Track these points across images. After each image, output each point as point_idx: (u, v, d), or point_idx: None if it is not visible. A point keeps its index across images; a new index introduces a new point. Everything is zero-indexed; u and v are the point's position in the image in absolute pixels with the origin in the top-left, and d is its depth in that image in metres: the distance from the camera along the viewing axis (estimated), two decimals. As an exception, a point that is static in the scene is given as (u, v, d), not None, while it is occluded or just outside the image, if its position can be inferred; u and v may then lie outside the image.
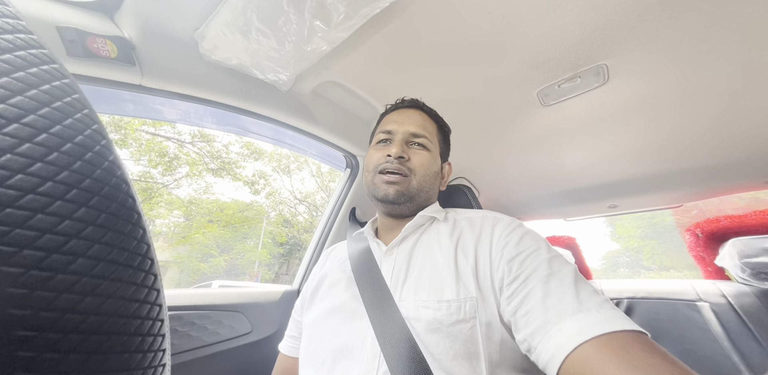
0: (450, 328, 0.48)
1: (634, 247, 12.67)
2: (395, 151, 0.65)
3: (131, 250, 0.16)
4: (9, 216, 0.12)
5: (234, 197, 12.05)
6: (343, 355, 0.52)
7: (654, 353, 0.34)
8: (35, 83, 0.15)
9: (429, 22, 0.73)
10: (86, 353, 0.13)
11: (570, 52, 0.80)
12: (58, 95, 0.16)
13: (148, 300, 0.16)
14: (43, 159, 0.14)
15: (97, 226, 0.15)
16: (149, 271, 0.17)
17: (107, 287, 0.14)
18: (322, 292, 0.66)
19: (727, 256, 1.27)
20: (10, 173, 0.13)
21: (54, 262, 0.13)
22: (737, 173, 1.21)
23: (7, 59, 0.15)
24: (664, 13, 0.68)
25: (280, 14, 0.63)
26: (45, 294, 0.13)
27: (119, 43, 0.61)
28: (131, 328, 0.15)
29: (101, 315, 0.14)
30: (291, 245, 12.16)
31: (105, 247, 0.15)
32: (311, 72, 0.87)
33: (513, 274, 0.49)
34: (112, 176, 0.16)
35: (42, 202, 0.13)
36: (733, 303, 1.20)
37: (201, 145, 9.81)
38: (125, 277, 0.15)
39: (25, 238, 0.13)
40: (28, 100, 0.14)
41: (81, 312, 0.13)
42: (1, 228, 0.12)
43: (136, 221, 0.17)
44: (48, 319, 0.13)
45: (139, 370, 0.15)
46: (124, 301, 0.15)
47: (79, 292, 0.13)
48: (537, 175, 1.46)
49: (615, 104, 0.98)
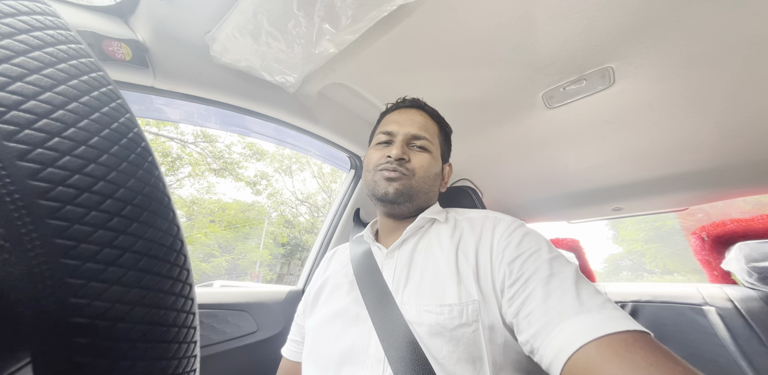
0: (452, 332, 0.48)
1: (637, 251, 12.60)
2: (396, 153, 0.64)
3: (168, 245, 0.17)
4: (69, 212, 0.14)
5: (236, 198, 12.10)
6: (347, 360, 0.52)
7: (656, 352, 0.34)
8: (86, 90, 0.16)
9: (435, 24, 0.73)
10: (132, 341, 0.14)
11: (576, 54, 0.80)
12: (104, 101, 0.17)
13: (183, 293, 0.17)
14: (96, 160, 0.15)
15: (140, 222, 0.16)
16: (183, 267, 0.17)
17: (149, 281, 0.15)
18: (325, 297, 0.65)
19: (733, 260, 1.26)
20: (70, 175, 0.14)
21: (106, 255, 0.14)
22: (744, 176, 1.20)
23: (63, 68, 0.16)
24: (672, 16, 0.68)
25: (290, 17, 0.64)
26: (98, 285, 0.14)
27: (133, 46, 0.62)
28: (169, 320, 0.16)
29: (145, 306, 0.15)
30: (292, 246, 12.17)
31: (147, 243, 0.16)
32: (318, 74, 0.88)
33: (514, 276, 0.49)
34: (152, 176, 0.17)
35: (95, 200, 0.15)
36: (740, 307, 1.19)
37: (204, 145, 9.86)
38: (164, 271, 0.16)
39: (82, 233, 0.14)
40: (81, 105, 0.16)
41: (128, 302, 0.14)
42: (63, 223, 0.13)
43: (172, 218, 0.17)
44: (100, 307, 0.14)
45: (175, 359, 0.16)
46: (163, 293, 0.16)
47: (126, 284, 0.14)
48: (541, 177, 1.46)
49: (620, 107, 0.98)
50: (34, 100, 0.14)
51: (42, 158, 0.14)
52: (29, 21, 0.16)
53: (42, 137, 0.14)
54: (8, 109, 0.14)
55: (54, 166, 0.14)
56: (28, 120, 0.14)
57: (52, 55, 0.16)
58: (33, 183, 0.13)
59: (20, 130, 0.13)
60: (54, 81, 0.15)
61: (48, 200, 0.13)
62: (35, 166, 0.13)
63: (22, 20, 0.16)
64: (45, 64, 0.15)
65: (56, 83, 0.15)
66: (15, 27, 0.15)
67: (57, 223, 0.13)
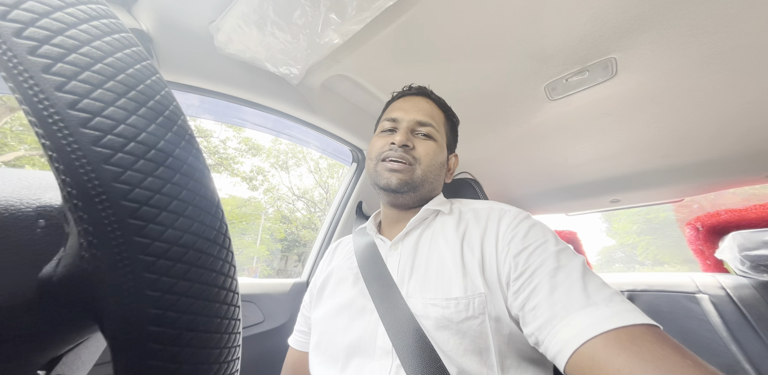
0: (459, 325, 0.48)
1: (629, 243, 12.79)
2: (399, 140, 0.62)
3: (220, 244, 0.18)
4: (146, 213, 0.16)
5: (232, 193, 12.04)
6: (355, 351, 0.52)
7: (664, 345, 0.33)
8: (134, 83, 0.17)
9: (439, 15, 0.73)
10: (193, 331, 0.16)
11: (580, 45, 0.80)
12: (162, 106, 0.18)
13: (231, 288, 0.18)
14: (166, 163, 0.17)
15: (199, 222, 0.17)
16: (231, 263, 0.19)
17: (206, 277, 0.17)
18: (330, 290, 0.65)
19: (727, 249, 1.30)
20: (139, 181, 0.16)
21: (179, 269, 0.16)
22: (739, 167, 1.23)
23: (111, 63, 0.17)
24: (676, 6, 0.68)
25: (296, 7, 0.63)
26: (171, 297, 0.15)
27: (137, 36, 0.61)
28: (221, 312, 0.17)
29: (203, 300, 0.17)
30: (289, 241, 12.17)
31: (205, 242, 0.17)
32: (321, 65, 0.88)
33: (520, 269, 0.48)
34: (206, 179, 0.19)
35: (165, 201, 0.16)
36: (732, 295, 1.22)
37: (198, 140, 9.75)
38: (216, 267, 0.17)
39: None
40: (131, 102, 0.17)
41: (190, 296, 0.16)
42: (139, 222, 0.15)
43: (222, 217, 0.19)
44: (171, 318, 0.15)
45: (226, 348, 0.18)
46: (217, 288, 0.17)
47: (189, 279, 0.16)
48: (540, 169, 1.47)
49: (621, 98, 0.99)
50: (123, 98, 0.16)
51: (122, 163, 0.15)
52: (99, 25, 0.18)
53: None
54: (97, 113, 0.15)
55: (140, 186, 0.15)
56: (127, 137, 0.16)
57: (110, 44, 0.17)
58: (124, 203, 0.15)
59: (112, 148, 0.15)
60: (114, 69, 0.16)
61: (135, 219, 0.15)
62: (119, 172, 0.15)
63: (94, 25, 0.17)
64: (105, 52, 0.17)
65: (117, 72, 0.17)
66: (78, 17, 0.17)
67: (136, 223, 0.15)
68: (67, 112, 0.14)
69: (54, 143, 0.14)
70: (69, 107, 0.14)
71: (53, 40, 0.15)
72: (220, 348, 0.17)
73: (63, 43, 0.15)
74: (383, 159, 0.64)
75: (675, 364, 0.31)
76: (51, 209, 0.19)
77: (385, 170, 0.63)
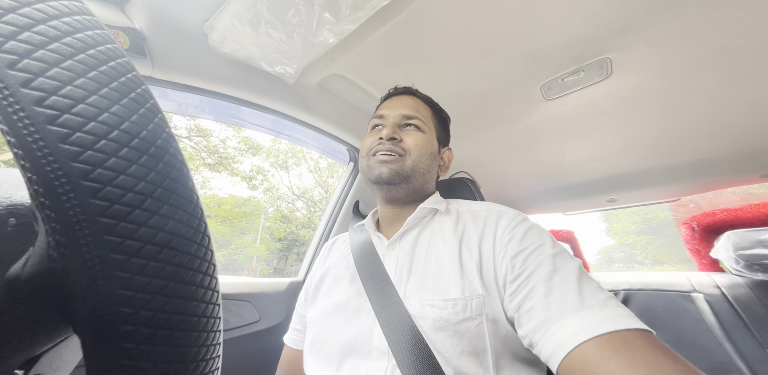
0: (456, 326, 0.48)
1: (628, 243, 12.81)
2: (386, 133, 0.64)
3: (198, 242, 0.18)
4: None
5: (231, 192, 12.03)
6: (351, 352, 0.52)
7: (656, 350, 0.34)
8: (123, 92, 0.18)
9: (435, 15, 0.73)
10: (170, 329, 0.16)
11: (575, 45, 0.81)
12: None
13: (210, 286, 0.18)
14: (137, 161, 0.17)
15: (176, 220, 0.17)
16: (210, 261, 0.19)
17: (183, 275, 0.17)
18: (326, 288, 0.65)
19: (722, 248, 1.30)
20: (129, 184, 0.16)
21: (152, 268, 0.16)
22: (735, 167, 1.23)
23: (97, 77, 0.17)
24: (670, 7, 0.69)
25: (290, 6, 0.64)
26: (144, 296, 0.15)
27: (131, 35, 0.61)
28: (199, 311, 0.17)
29: (178, 298, 0.17)
30: (289, 241, 12.17)
31: (182, 240, 0.17)
32: (317, 65, 0.88)
33: (516, 272, 0.48)
34: (184, 177, 0.18)
35: (138, 200, 0.16)
36: (727, 294, 1.23)
37: (197, 139, 9.74)
38: (194, 266, 0.17)
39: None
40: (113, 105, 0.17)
41: (165, 295, 0.16)
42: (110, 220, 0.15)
43: (201, 215, 0.19)
44: (144, 316, 0.15)
45: (204, 347, 0.18)
46: (195, 287, 0.17)
47: (164, 277, 0.16)
48: (537, 169, 1.48)
49: (617, 98, 0.99)
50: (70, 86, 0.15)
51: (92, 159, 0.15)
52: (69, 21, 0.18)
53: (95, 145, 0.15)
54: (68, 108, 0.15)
55: (112, 184, 0.15)
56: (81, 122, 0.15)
57: (82, 41, 0.17)
58: (94, 201, 0.15)
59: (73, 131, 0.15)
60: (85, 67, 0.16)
61: (105, 217, 0.15)
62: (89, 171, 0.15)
63: (65, 22, 0.17)
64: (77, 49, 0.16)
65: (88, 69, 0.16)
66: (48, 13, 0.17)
67: (107, 221, 0.15)
68: (33, 109, 0.14)
69: (19, 140, 0.14)
70: (36, 104, 0.14)
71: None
72: (198, 346, 0.17)
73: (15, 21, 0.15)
74: (373, 153, 0.65)
75: (666, 369, 0.32)
76: (22, 207, 0.19)
77: (376, 163, 0.64)
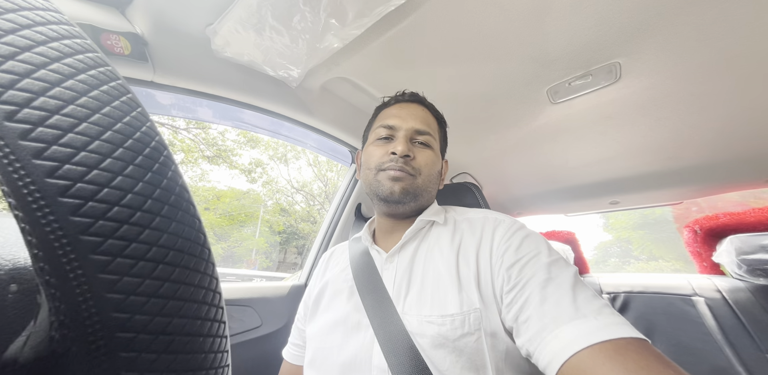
0: (455, 342, 0.47)
1: (625, 238, 12.90)
2: (401, 150, 0.60)
3: (198, 255, 0.17)
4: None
5: (230, 185, 12.01)
6: (351, 370, 0.52)
7: (648, 356, 0.34)
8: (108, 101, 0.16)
9: (443, 19, 0.71)
10: (172, 335, 0.15)
11: (584, 49, 0.79)
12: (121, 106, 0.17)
13: (212, 288, 0.18)
14: (127, 165, 0.16)
15: (179, 316, 0.16)
16: (213, 275, 0.18)
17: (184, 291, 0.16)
18: (325, 303, 0.64)
19: (724, 252, 1.30)
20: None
21: (141, 268, 0.14)
22: (739, 171, 1.22)
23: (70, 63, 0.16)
24: (683, 11, 0.67)
25: (296, 12, 0.62)
26: (137, 298, 0.14)
27: (132, 40, 0.59)
28: (202, 314, 0.16)
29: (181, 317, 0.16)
30: (288, 234, 12.22)
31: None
32: (321, 68, 0.86)
33: (512, 282, 0.48)
34: (176, 185, 0.17)
35: (127, 213, 0.15)
36: (728, 298, 1.23)
37: (196, 131, 9.66)
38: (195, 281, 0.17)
39: (117, 247, 0.14)
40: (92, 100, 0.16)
41: (166, 299, 0.15)
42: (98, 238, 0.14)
43: (198, 227, 0.18)
44: (141, 321, 0.14)
45: (212, 353, 0.17)
46: (195, 287, 0.16)
47: (163, 295, 0.15)
48: (540, 171, 1.47)
49: (624, 102, 0.98)
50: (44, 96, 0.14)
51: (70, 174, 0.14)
52: (30, 16, 0.15)
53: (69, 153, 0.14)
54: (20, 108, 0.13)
55: (94, 200, 0.14)
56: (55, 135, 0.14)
57: (58, 49, 0.15)
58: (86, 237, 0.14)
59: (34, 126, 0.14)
60: (62, 76, 0.15)
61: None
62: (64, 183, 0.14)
63: (24, 15, 0.15)
64: (51, 58, 0.15)
65: (64, 78, 0.15)
66: (17, 23, 0.15)
67: (100, 258, 0.14)
68: (32, 162, 0.13)
69: (20, 200, 0.13)
70: (34, 157, 0.13)
71: None
72: (204, 352, 0.16)
73: None
74: (383, 169, 0.63)
75: (657, 374, 0.32)
76: (26, 272, 0.17)
77: (387, 179, 0.62)
